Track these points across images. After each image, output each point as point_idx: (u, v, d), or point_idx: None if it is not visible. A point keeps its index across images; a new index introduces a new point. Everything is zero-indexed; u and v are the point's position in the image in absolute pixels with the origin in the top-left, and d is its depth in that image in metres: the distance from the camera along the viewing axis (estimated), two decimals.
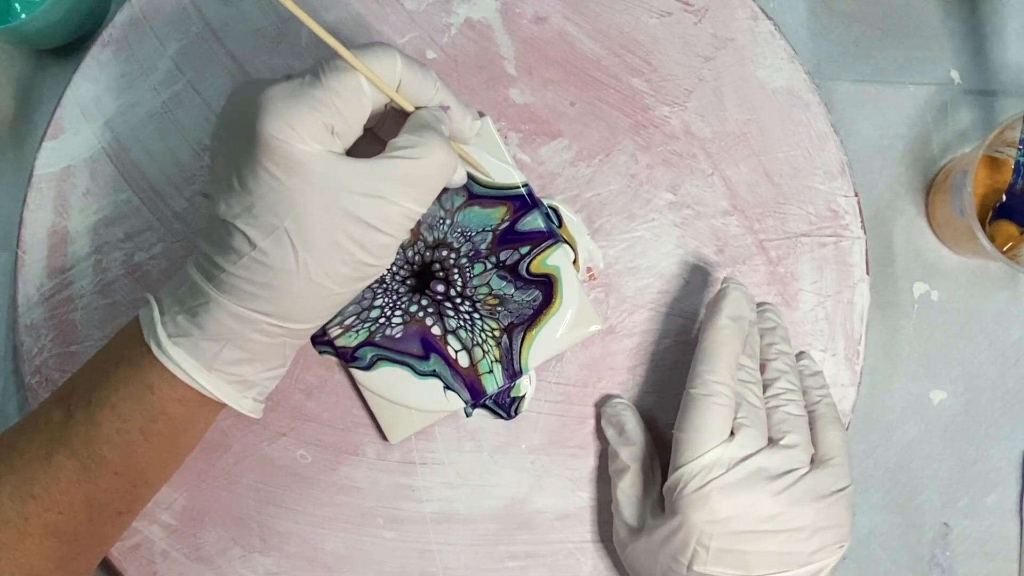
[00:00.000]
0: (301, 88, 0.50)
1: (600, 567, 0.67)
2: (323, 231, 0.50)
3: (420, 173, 0.51)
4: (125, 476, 0.55)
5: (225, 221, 0.51)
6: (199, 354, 0.53)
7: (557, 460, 0.68)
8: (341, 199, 0.49)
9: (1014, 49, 0.76)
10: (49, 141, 0.70)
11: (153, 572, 0.67)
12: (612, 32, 0.71)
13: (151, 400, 0.54)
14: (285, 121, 0.48)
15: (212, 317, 0.52)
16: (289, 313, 0.52)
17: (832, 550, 0.57)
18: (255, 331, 0.52)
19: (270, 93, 0.49)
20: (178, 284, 0.54)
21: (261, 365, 0.55)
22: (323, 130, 0.49)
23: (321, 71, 0.51)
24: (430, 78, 0.54)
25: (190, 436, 0.58)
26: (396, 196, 0.50)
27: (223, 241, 0.51)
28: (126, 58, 0.71)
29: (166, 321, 0.53)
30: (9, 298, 0.71)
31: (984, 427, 0.73)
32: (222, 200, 0.51)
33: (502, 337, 0.66)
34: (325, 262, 0.51)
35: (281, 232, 0.49)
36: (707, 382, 0.58)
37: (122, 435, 0.54)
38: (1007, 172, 0.71)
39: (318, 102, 0.49)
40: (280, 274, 0.50)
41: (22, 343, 0.69)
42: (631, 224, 0.69)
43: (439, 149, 0.52)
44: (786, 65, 0.71)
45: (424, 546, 0.67)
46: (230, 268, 0.51)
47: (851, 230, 0.69)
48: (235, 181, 0.50)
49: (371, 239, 0.51)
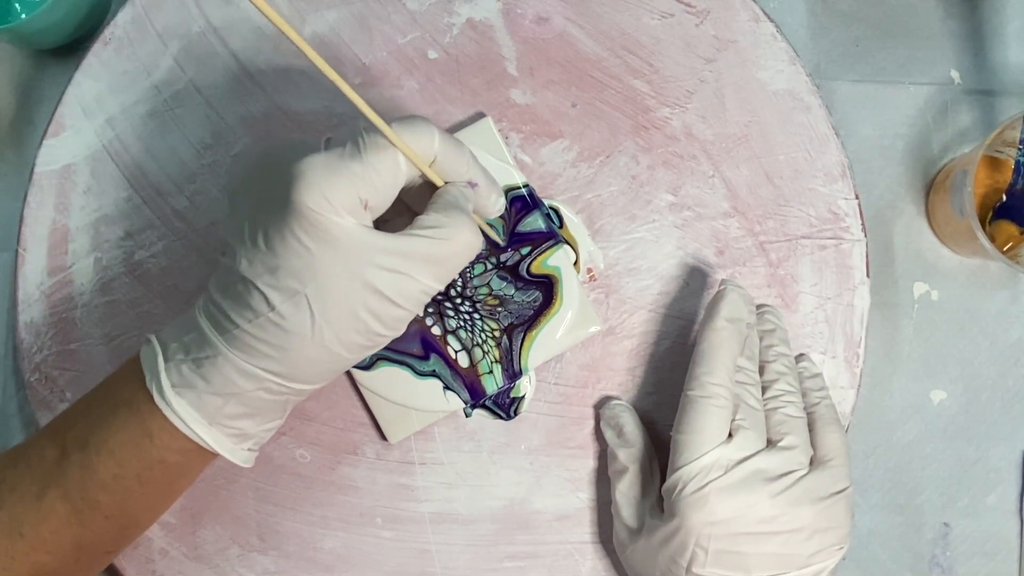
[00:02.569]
0: (341, 161, 0.49)
1: (599, 568, 0.67)
2: (343, 301, 0.49)
3: (445, 253, 0.51)
4: (117, 520, 0.55)
5: (245, 278, 0.50)
6: (202, 407, 0.52)
7: (556, 461, 0.68)
8: (365, 272, 0.49)
9: (1014, 49, 0.76)
10: (50, 139, 0.70)
11: (152, 571, 0.67)
12: (614, 33, 0.71)
13: (149, 448, 0.53)
14: (322, 193, 0.48)
15: (219, 371, 0.51)
16: (297, 375, 0.52)
17: (831, 552, 0.57)
18: (261, 389, 0.52)
19: (310, 163, 0.49)
20: (184, 330, 0.53)
21: (261, 419, 0.55)
22: (357, 204, 0.49)
23: (362, 144, 0.50)
24: (463, 155, 0.54)
25: (185, 481, 0.58)
26: (419, 274, 0.50)
27: (240, 297, 0.51)
28: (128, 56, 0.71)
29: (170, 369, 0.52)
30: (9, 296, 0.71)
31: (984, 427, 0.73)
32: (243, 256, 0.51)
33: (502, 338, 0.66)
34: (340, 331, 0.50)
35: (301, 298, 0.49)
36: (705, 384, 0.58)
37: (118, 481, 0.53)
38: (1007, 172, 0.71)
39: (357, 177, 0.49)
40: (294, 338, 0.50)
41: (22, 341, 0.69)
42: (631, 225, 0.69)
43: (466, 231, 0.51)
44: (787, 67, 0.71)
45: (423, 546, 0.67)
46: (244, 325, 0.50)
47: (851, 232, 0.69)
48: (261, 240, 0.50)
49: (388, 312, 0.51)
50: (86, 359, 0.68)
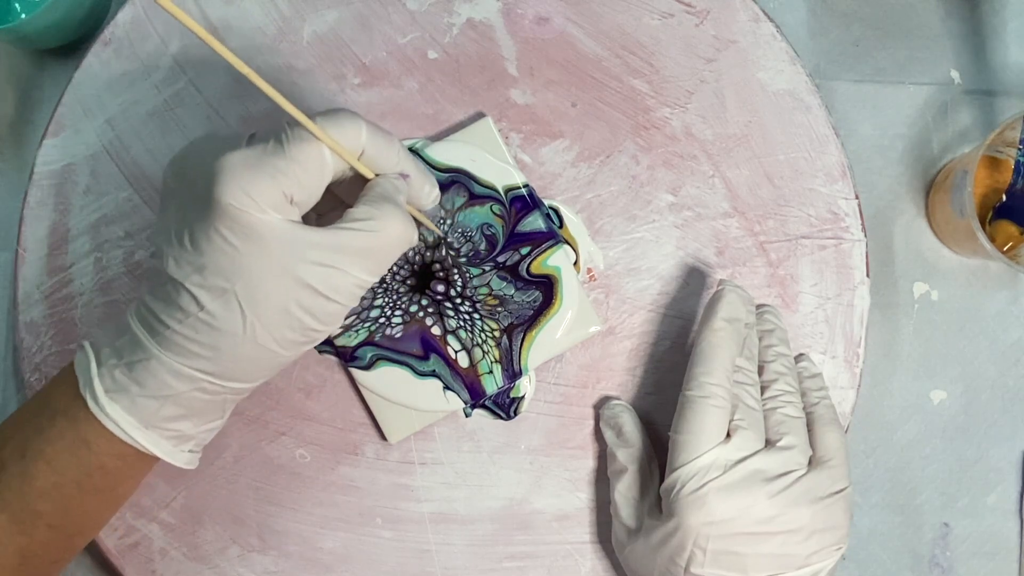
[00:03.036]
0: (263, 156, 0.49)
1: (599, 568, 0.67)
2: (274, 298, 0.49)
3: (375, 245, 0.51)
4: (60, 528, 0.54)
5: (173, 278, 0.50)
6: (137, 411, 0.52)
7: (556, 461, 0.68)
8: (294, 268, 0.49)
9: (1014, 49, 0.76)
10: (50, 139, 0.70)
11: (151, 571, 0.67)
12: (614, 33, 0.71)
13: (87, 455, 0.53)
14: (243, 190, 0.47)
15: (152, 374, 0.51)
16: (232, 374, 0.52)
17: (829, 552, 0.57)
18: (196, 389, 0.52)
19: (231, 159, 0.48)
20: (117, 334, 0.53)
21: (199, 420, 0.54)
22: (282, 199, 0.49)
23: (285, 138, 0.49)
24: (393, 146, 0.53)
25: (127, 487, 0.57)
26: (349, 267, 0.50)
27: (169, 298, 0.50)
28: (128, 56, 0.71)
29: (103, 374, 0.52)
30: (9, 296, 0.71)
31: (984, 427, 0.73)
32: (171, 256, 0.50)
33: (502, 337, 0.66)
34: (273, 327, 0.50)
35: (231, 296, 0.49)
36: (703, 384, 0.58)
37: (57, 489, 0.53)
38: (1007, 172, 0.71)
39: (279, 172, 0.48)
40: (226, 336, 0.50)
41: (22, 341, 0.69)
42: (632, 225, 0.69)
43: (396, 222, 0.51)
44: (787, 67, 0.71)
45: (422, 546, 0.67)
46: (175, 326, 0.50)
47: (851, 232, 0.69)
48: (186, 240, 0.49)
49: (321, 307, 0.50)
50: None
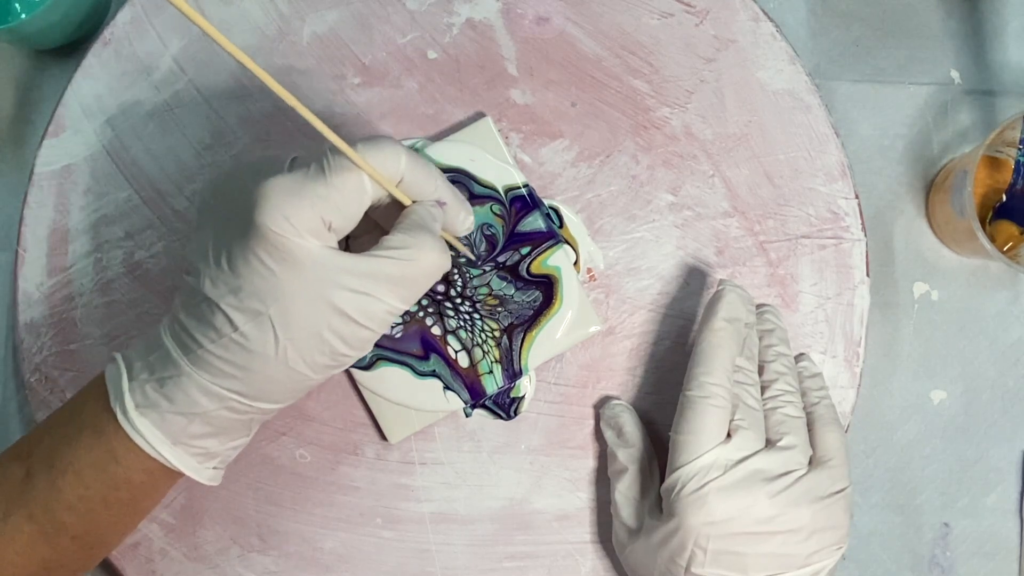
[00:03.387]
0: (304, 183, 0.49)
1: (599, 568, 0.67)
2: (307, 322, 0.49)
3: (410, 274, 0.51)
4: (83, 540, 0.54)
5: (208, 298, 0.50)
6: (166, 427, 0.52)
7: (556, 461, 0.68)
8: (329, 293, 0.49)
9: (1014, 49, 0.76)
10: (50, 139, 0.70)
11: (152, 571, 0.67)
12: (613, 33, 0.71)
13: (115, 469, 0.53)
14: (284, 215, 0.48)
15: (183, 391, 0.51)
16: (261, 394, 0.52)
17: (830, 552, 0.57)
18: (224, 408, 0.52)
19: (273, 185, 0.49)
20: (149, 349, 0.53)
21: (226, 438, 0.54)
22: (320, 225, 0.49)
23: (327, 165, 0.50)
24: (431, 174, 0.54)
25: (151, 501, 0.57)
26: (383, 294, 0.50)
27: (203, 317, 0.50)
28: (128, 56, 0.71)
29: (134, 388, 0.52)
30: (9, 296, 0.71)
31: (984, 427, 0.73)
32: (207, 276, 0.50)
33: (502, 337, 0.66)
34: (305, 351, 0.50)
35: (265, 319, 0.49)
36: (703, 384, 0.58)
37: (84, 502, 0.53)
38: (1007, 172, 0.71)
39: (320, 199, 0.49)
40: (258, 358, 0.50)
41: (22, 341, 0.69)
42: (631, 225, 0.69)
43: (432, 251, 0.51)
44: (787, 67, 0.71)
45: (423, 546, 0.67)
46: (208, 345, 0.50)
47: (851, 232, 0.69)
48: (224, 261, 0.50)
49: (353, 333, 0.51)
50: (86, 359, 0.68)
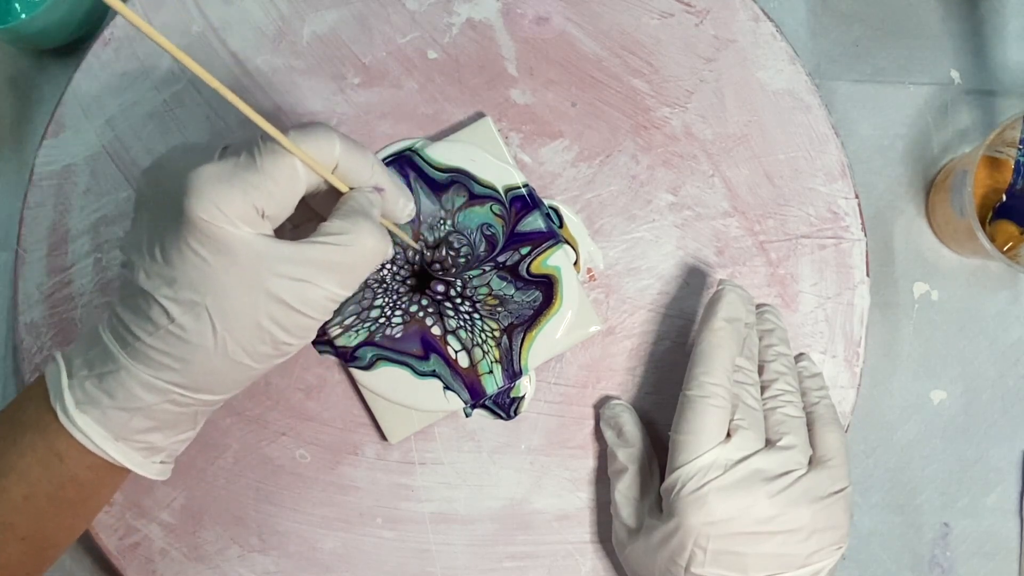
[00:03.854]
0: (235, 170, 0.48)
1: (599, 568, 0.67)
2: (245, 311, 0.49)
3: (348, 260, 0.50)
4: (32, 540, 0.54)
5: (144, 290, 0.49)
6: (107, 423, 0.51)
7: (556, 461, 0.68)
8: (266, 281, 0.48)
9: (1014, 49, 0.76)
10: (50, 139, 0.70)
11: (152, 571, 0.67)
12: (613, 33, 0.71)
13: (59, 467, 0.52)
14: (214, 204, 0.47)
15: (122, 386, 0.51)
16: (202, 386, 0.51)
17: (829, 552, 0.57)
18: (166, 401, 0.51)
19: (201, 173, 0.48)
20: (88, 345, 0.53)
21: (170, 432, 0.54)
22: (253, 213, 0.48)
23: (257, 151, 0.49)
24: (367, 160, 0.53)
25: (100, 499, 0.57)
26: (322, 281, 0.50)
27: (140, 309, 0.50)
28: (127, 57, 0.71)
29: (73, 386, 0.52)
30: (9, 296, 0.71)
31: (984, 427, 0.73)
32: (141, 268, 0.50)
33: (502, 337, 0.66)
34: (244, 341, 0.50)
35: (201, 309, 0.48)
36: (703, 384, 0.58)
37: (29, 502, 0.53)
38: (1007, 172, 0.71)
39: (251, 186, 0.48)
40: (197, 349, 0.49)
41: (22, 341, 0.69)
42: (631, 225, 0.69)
43: (369, 236, 0.51)
44: (787, 67, 0.71)
45: (423, 546, 0.67)
46: (145, 338, 0.50)
47: (851, 232, 0.69)
48: (157, 252, 0.49)
49: (293, 321, 0.50)
50: None
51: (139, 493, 0.67)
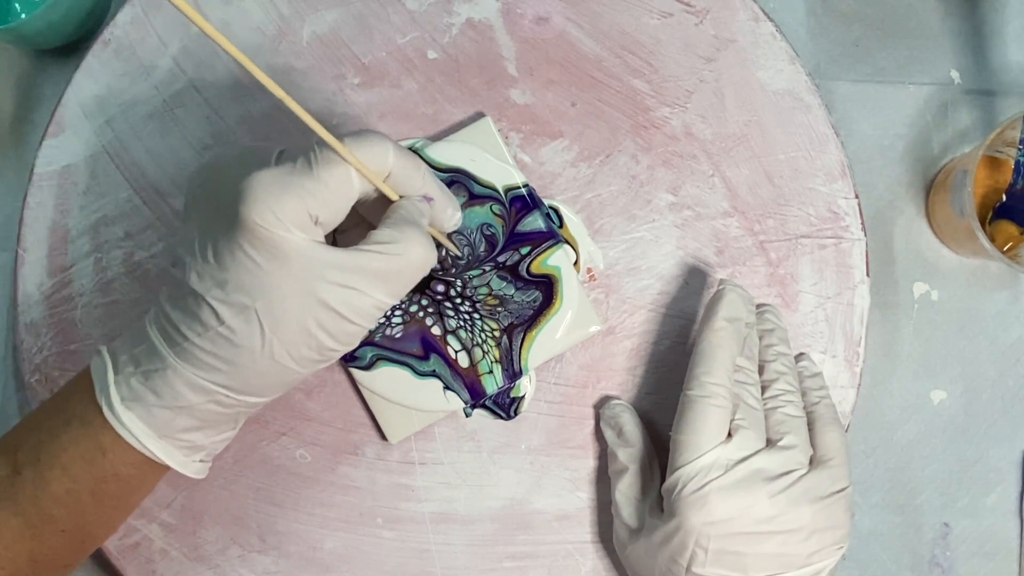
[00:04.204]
0: (291, 177, 0.49)
1: (599, 568, 0.67)
2: (294, 317, 0.49)
3: (397, 268, 0.51)
4: (72, 534, 0.54)
5: (195, 291, 0.50)
6: (152, 421, 0.52)
7: (556, 461, 0.68)
8: (316, 288, 0.49)
9: (1014, 49, 0.76)
10: (50, 139, 0.70)
11: (152, 571, 0.67)
12: (613, 33, 0.71)
13: (102, 462, 0.53)
14: (271, 209, 0.47)
15: (168, 384, 0.51)
16: (247, 388, 0.52)
17: (830, 551, 0.57)
18: (211, 401, 0.52)
19: (259, 178, 0.48)
20: (134, 342, 0.53)
21: (212, 432, 0.54)
22: (307, 219, 0.49)
23: (314, 158, 0.50)
24: (419, 169, 0.54)
25: (140, 494, 0.57)
26: (370, 289, 0.50)
27: (190, 310, 0.50)
28: (127, 57, 0.71)
29: (119, 382, 0.52)
30: (9, 297, 0.71)
31: (984, 427, 0.73)
32: (193, 269, 0.50)
33: (502, 337, 0.66)
34: (291, 345, 0.50)
35: (251, 313, 0.49)
36: (704, 384, 0.58)
37: (71, 495, 0.53)
38: (1007, 172, 0.71)
39: (307, 193, 0.48)
40: (245, 352, 0.50)
41: (22, 342, 0.69)
42: (631, 225, 0.69)
43: (418, 246, 0.51)
44: (787, 67, 0.71)
45: (423, 546, 0.67)
46: (194, 338, 0.50)
47: (851, 232, 0.69)
48: (210, 254, 0.50)
49: (340, 327, 0.51)
50: (86, 360, 0.68)
51: None
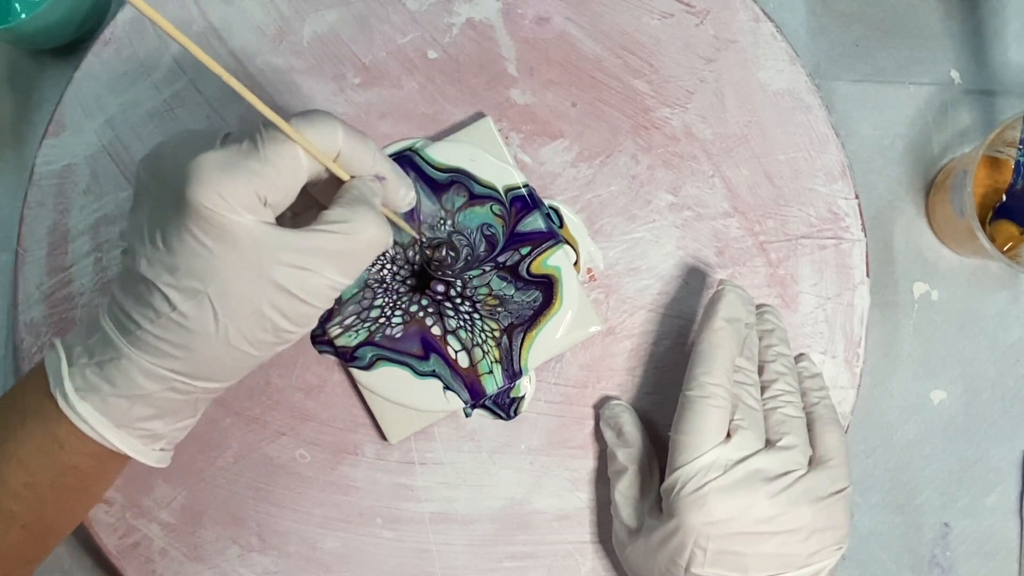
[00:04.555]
0: (237, 158, 0.48)
1: (599, 568, 0.67)
2: (247, 299, 0.49)
3: (350, 248, 0.50)
4: (33, 528, 0.54)
5: (145, 277, 0.49)
6: (108, 411, 0.51)
7: (556, 461, 0.68)
8: (268, 270, 0.48)
9: (1014, 49, 0.76)
10: (50, 139, 0.70)
11: (151, 571, 0.67)
12: (613, 33, 0.71)
13: (60, 455, 0.52)
14: (217, 192, 0.47)
15: (123, 373, 0.50)
16: (204, 373, 0.51)
17: (830, 552, 0.57)
18: (168, 389, 0.51)
19: (204, 161, 0.48)
20: (88, 333, 0.53)
21: (171, 419, 0.54)
22: (256, 201, 0.48)
23: (259, 139, 0.49)
24: (368, 148, 0.53)
25: (100, 486, 0.57)
26: (323, 269, 0.49)
27: (141, 297, 0.50)
28: (128, 56, 0.71)
29: (74, 373, 0.52)
30: (9, 296, 0.71)
31: (984, 427, 0.73)
32: (143, 256, 0.50)
33: (502, 338, 0.66)
34: (246, 329, 0.50)
35: (203, 297, 0.48)
36: (703, 384, 0.58)
37: (31, 489, 0.53)
38: (1007, 172, 0.71)
39: (254, 174, 0.48)
40: (199, 337, 0.49)
41: (22, 341, 0.69)
42: (631, 225, 0.69)
43: (371, 225, 0.51)
44: (787, 67, 0.71)
45: (423, 546, 0.67)
46: (146, 325, 0.49)
47: (851, 232, 0.69)
48: (159, 239, 0.49)
49: (294, 309, 0.50)
50: None
51: (139, 493, 0.67)
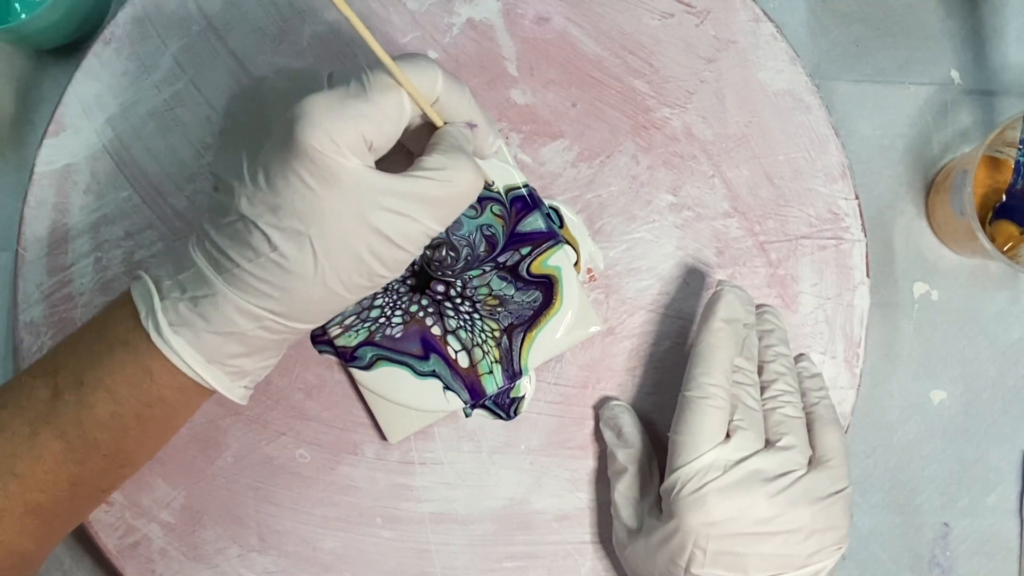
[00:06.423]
0: (346, 100, 0.48)
1: (599, 568, 0.67)
2: (347, 243, 0.49)
3: (449, 195, 0.50)
4: (114, 458, 0.55)
5: (245, 216, 0.49)
6: (201, 346, 0.52)
7: (556, 461, 0.68)
8: (369, 214, 0.49)
9: (1014, 49, 0.76)
10: (50, 139, 0.70)
11: (151, 571, 0.67)
12: (614, 33, 0.71)
13: (149, 387, 0.53)
14: (327, 134, 0.47)
15: (218, 310, 0.51)
16: (297, 314, 0.52)
17: (830, 552, 0.57)
18: (260, 328, 0.52)
19: (314, 102, 0.48)
20: (178, 268, 0.53)
21: (259, 357, 0.55)
22: (362, 144, 0.48)
23: (367, 82, 0.49)
24: (465, 95, 0.54)
25: (181, 419, 0.58)
26: (421, 215, 0.50)
27: (239, 236, 0.50)
28: (128, 56, 0.71)
29: (166, 307, 0.52)
30: (9, 296, 0.71)
31: (984, 427, 0.73)
32: (243, 194, 0.50)
33: (502, 338, 0.66)
34: (343, 272, 0.50)
35: (305, 239, 0.49)
36: (702, 384, 0.58)
37: (116, 419, 0.53)
38: (1007, 172, 0.71)
39: (363, 117, 0.48)
40: (296, 278, 0.50)
41: (22, 341, 0.69)
42: (632, 225, 0.69)
43: (469, 173, 0.51)
44: (787, 67, 0.71)
45: (422, 546, 0.67)
46: (245, 264, 0.50)
47: (851, 232, 0.69)
48: (261, 179, 0.49)
49: (390, 254, 0.50)
50: None
51: (139, 493, 0.67)
